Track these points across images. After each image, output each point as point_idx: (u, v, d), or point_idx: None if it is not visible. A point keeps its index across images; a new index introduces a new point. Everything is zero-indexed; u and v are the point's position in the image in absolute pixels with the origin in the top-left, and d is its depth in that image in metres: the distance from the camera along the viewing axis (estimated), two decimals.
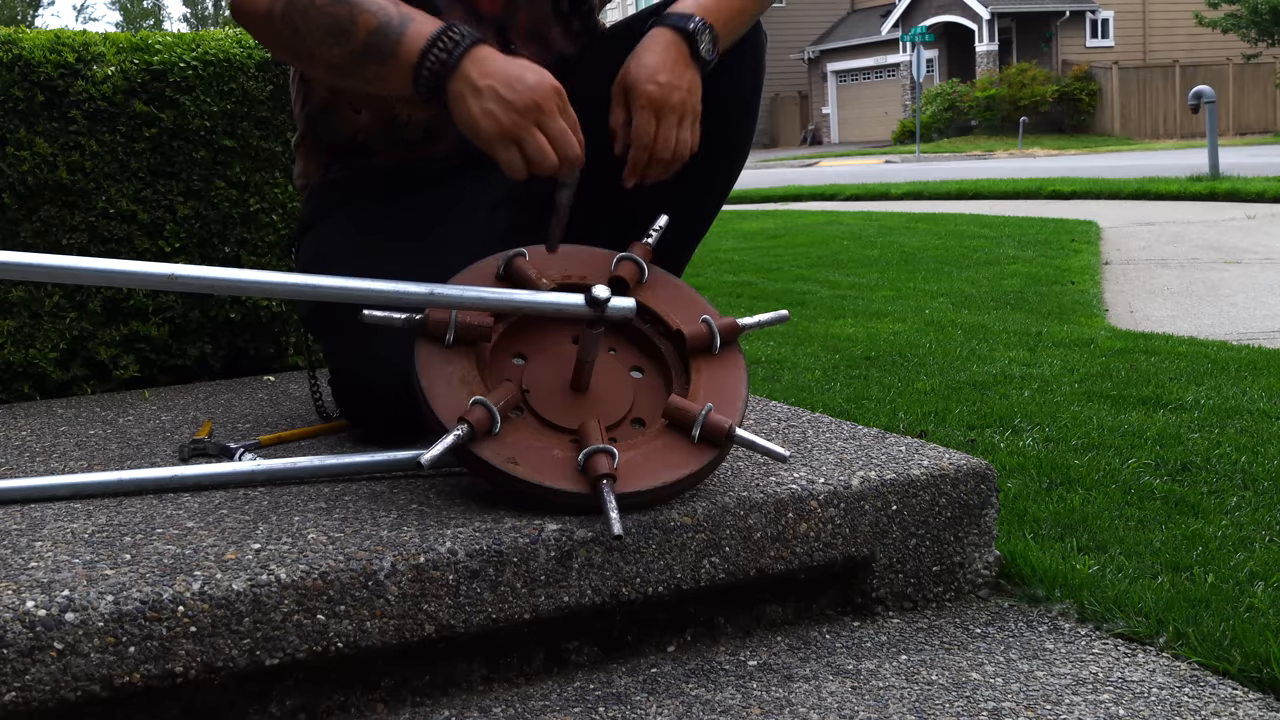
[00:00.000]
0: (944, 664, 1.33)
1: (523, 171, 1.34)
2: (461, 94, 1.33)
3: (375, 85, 1.40)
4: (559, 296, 1.41)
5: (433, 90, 1.33)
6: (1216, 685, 1.26)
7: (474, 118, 1.32)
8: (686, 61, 1.46)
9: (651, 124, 1.45)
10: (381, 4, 1.38)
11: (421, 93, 1.34)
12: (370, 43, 1.36)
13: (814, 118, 39.00)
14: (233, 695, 1.20)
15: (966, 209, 9.55)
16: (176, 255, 2.33)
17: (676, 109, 1.45)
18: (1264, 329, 3.90)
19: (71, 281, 1.31)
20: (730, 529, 1.36)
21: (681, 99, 1.45)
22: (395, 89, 1.38)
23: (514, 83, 1.32)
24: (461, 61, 1.32)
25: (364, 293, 1.36)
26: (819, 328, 3.86)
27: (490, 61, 1.33)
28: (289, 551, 1.23)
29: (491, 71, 1.32)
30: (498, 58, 1.34)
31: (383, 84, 1.39)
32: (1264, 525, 1.74)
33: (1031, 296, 4.52)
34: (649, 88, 1.44)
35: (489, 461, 1.32)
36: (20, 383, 2.24)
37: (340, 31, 1.37)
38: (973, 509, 1.50)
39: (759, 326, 1.53)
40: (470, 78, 1.32)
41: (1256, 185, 9.21)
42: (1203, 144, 12.35)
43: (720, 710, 1.22)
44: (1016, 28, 32.70)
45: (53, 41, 2.22)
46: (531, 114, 1.33)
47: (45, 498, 1.45)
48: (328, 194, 1.80)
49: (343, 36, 1.37)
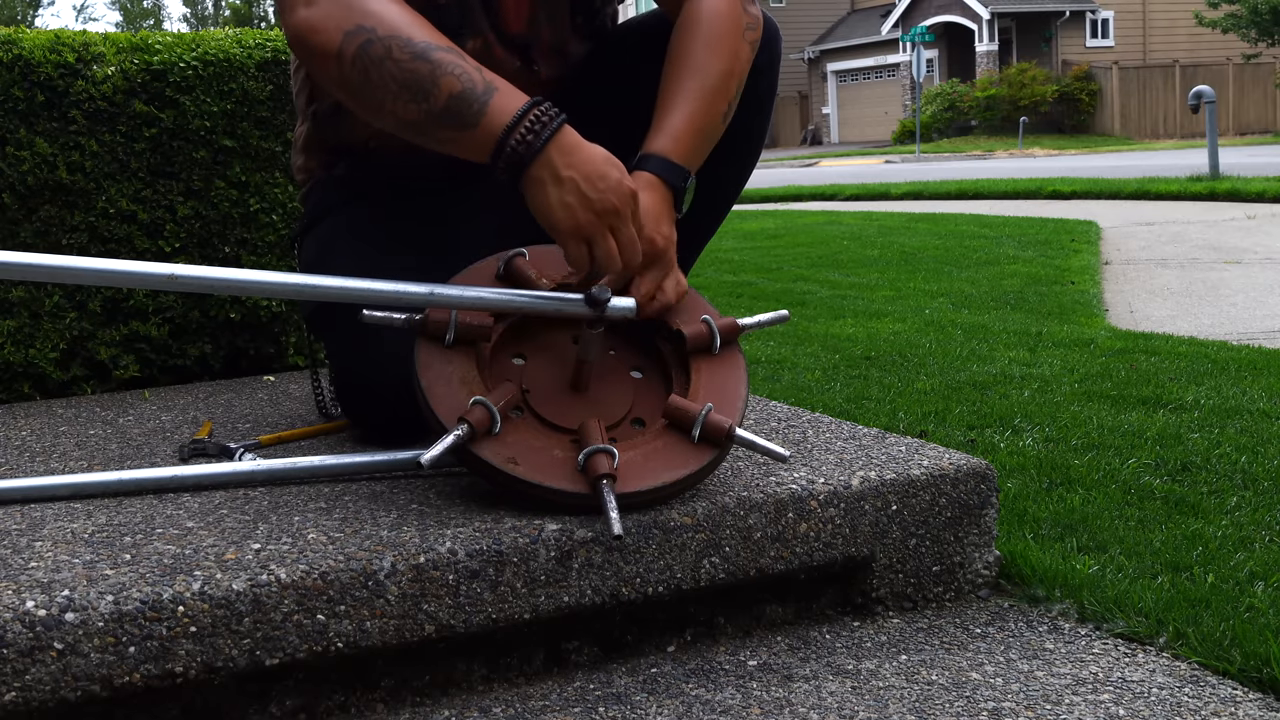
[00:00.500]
0: (944, 664, 1.33)
1: (587, 267, 1.33)
2: (542, 180, 1.31)
3: (447, 147, 1.36)
4: (559, 296, 1.41)
5: (512, 170, 1.31)
6: (1216, 685, 1.26)
7: (550, 207, 1.31)
8: (672, 214, 1.45)
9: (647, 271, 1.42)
10: (465, 67, 1.33)
11: (499, 168, 1.32)
12: (451, 107, 1.32)
13: (814, 118, 39.00)
14: (233, 695, 1.20)
15: (966, 209, 9.55)
16: (176, 255, 2.33)
17: (667, 265, 1.44)
18: (1264, 329, 3.90)
19: (71, 281, 1.31)
20: (730, 529, 1.36)
21: (672, 255, 1.45)
22: (469, 156, 1.35)
23: (596, 180, 1.31)
24: (548, 146, 1.30)
25: (364, 293, 1.36)
26: (819, 328, 3.86)
27: (576, 151, 1.31)
28: (289, 551, 1.23)
29: (576, 164, 1.31)
30: (582, 146, 1.32)
31: (456, 148, 1.35)
32: (1264, 525, 1.75)
33: (1031, 296, 4.52)
34: (655, 237, 1.41)
35: (489, 461, 1.32)
36: (20, 383, 2.24)
37: (419, 90, 1.32)
38: (973, 509, 1.50)
39: (759, 326, 1.53)
40: (554, 165, 1.31)
41: (1256, 185, 9.22)
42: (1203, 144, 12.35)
43: (720, 710, 1.22)
44: (1016, 28, 32.70)
45: (53, 41, 2.22)
46: (608, 217, 1.32)
47: (45, 498, 1.45)
48: (331, 191, 1.79)
49: (421, 95, 1.32)
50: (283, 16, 1.40)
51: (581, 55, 1.75)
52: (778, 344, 3.55)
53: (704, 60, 1.50)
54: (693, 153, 1.48)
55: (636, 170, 1.45)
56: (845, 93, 37.94)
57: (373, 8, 1.36)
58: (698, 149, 1.49)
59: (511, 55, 1.68)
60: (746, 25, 1.56)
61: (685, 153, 1.47)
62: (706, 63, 1.50)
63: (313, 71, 1.41)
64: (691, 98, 1.49)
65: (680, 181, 1.45)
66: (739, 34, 1.54)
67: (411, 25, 1.35)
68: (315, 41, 1.36)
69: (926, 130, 29.16)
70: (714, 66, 1.51)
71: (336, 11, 1.35)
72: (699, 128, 1.49)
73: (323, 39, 1.35)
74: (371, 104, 1.36)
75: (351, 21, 1.34)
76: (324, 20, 1.35)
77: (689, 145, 1.47)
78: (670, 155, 1.46)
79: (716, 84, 1.51)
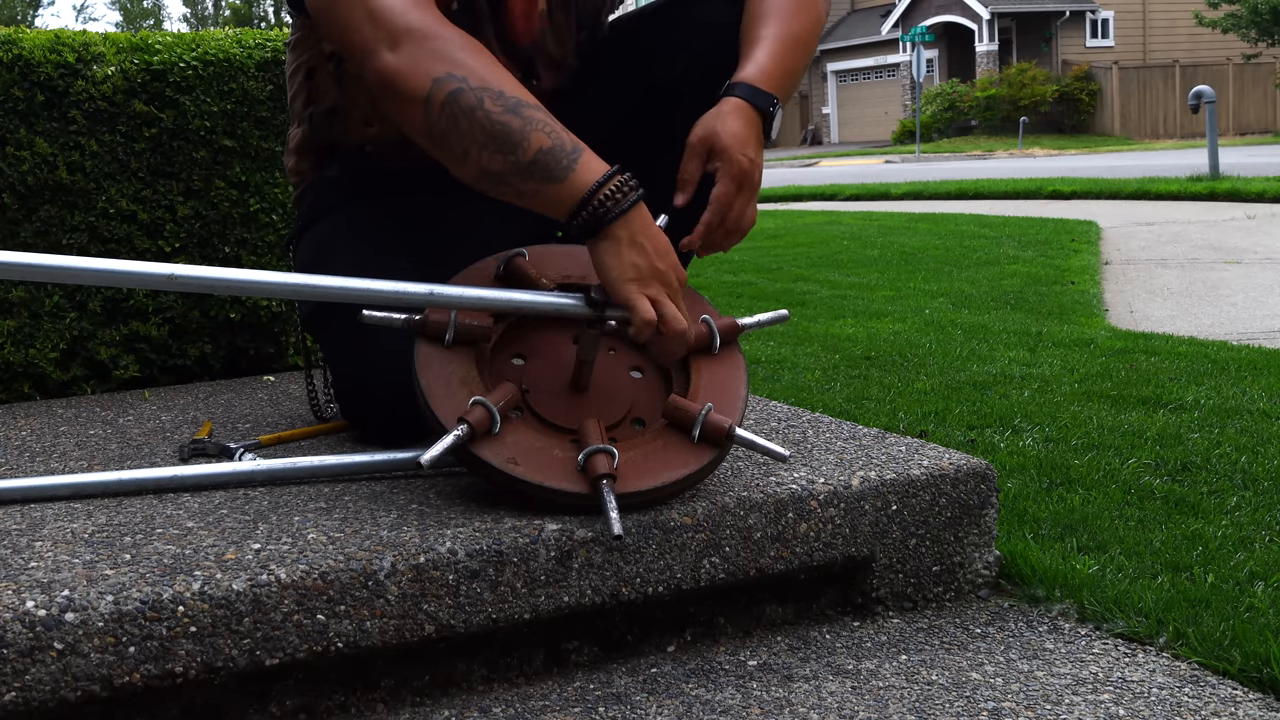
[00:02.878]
0: (944, 664, 1.33)
1: (652, 322, 1.35)
2: (619, 239, 1.36)
3: (526, 200, 1.39)
4: (559, 296, 1.41)
5: (591, 224, 1.35)
6: (1216, 685, 1.26)
7: (620, 262, 1.36)
8: (761, 141, 1.52)
9: (734, 193, 1.49)
10: (555, 126, 1.38)
11: (577, 221, 1.36)
12: (539, 160, 1.36)
13: (814, 118, 39.00)
14: (233, 695, 1.20)
15: (966, 209, 9.55)
16: (176, 255, 2.33)
17: (756, 186, 1.51)
18: (1264, 329, 3.90)
19: (71, 281, 1.31)
20: (730, 529, 1.36)
21: (759, 176, 1.51)
22: (545, 209, 1.38)
23: (665, 254, 1.38)
24: (630, 211, 1.36)
25: (363, 293, 1.36)
26: (819, 328, 3.86)
27: (649, 225, 1.38)
28: (289, 551, 1.23)
29: (649, 234, 1.37)
30: (652, 223, 1.39)
31: (535, 200, 1.38)
32: (1264, 525, 1.75)
33: (1031, 296, 4.52)
34: (741, 159, 1.48)
35: (489, 462, 1.32)
36: (20, 383, 2.24)
37: (509, 142, 1.35)
38: (973, 509, 1.50)
39: (759, 326, 1.53)
40: (632, 228, 1.36)
41: (1256, 185, 9.22)
42: (1203, 144, 12.35)
43: (720, 710, 1.22)
44: (1016, 28, 32.70)
45: (53, 41, 2.22)
46: (668, 283, 1.37)
47: (45, 498, 1.45)
48: (326, 191, 1.79)
49: (510, 147, 1.36)
50: (366, 60, 1.41)
51: (577, 68, 1.77)
52: (778, 344, 3.55)
53: (786, 8, 1.58)
54: (779, 84, 1.54)
55: (724, 96, 1.51)
56: (845, 93, 37.94)
57: (462, 57, 1.38)
58: (783, 83, 1.55)
59: (514, 66, 1.68)
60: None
61: (772, 82, 1.53)
62: (790, 10, 1.58)
63: (395, 115, 1.43)
64: (775, 38, 1.56)
65: (767, 105, 1.51)
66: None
67: (504, 80, 1.38)
68: (403, 86, 1.38)
69: (926, 130, 29.15)
70: (796, 15, 1.58)
71: (424, 58, 1.38)
72: (783, 63, 1.55)
73: (411, 84, 1.38)
74: (455, 150, 1.38)
75: (441, 69, 1.37)
76: (411, 66, 1.38)
77: (775, 76, 1.53)
78: (757, 83, 1.52)
79: (799, 29, 1.58)
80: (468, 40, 1.41)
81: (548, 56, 1.72)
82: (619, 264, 1.35)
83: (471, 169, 1.39)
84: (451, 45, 1.39)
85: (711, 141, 1.49)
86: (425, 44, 1.39)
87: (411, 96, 1.38)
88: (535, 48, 1.70)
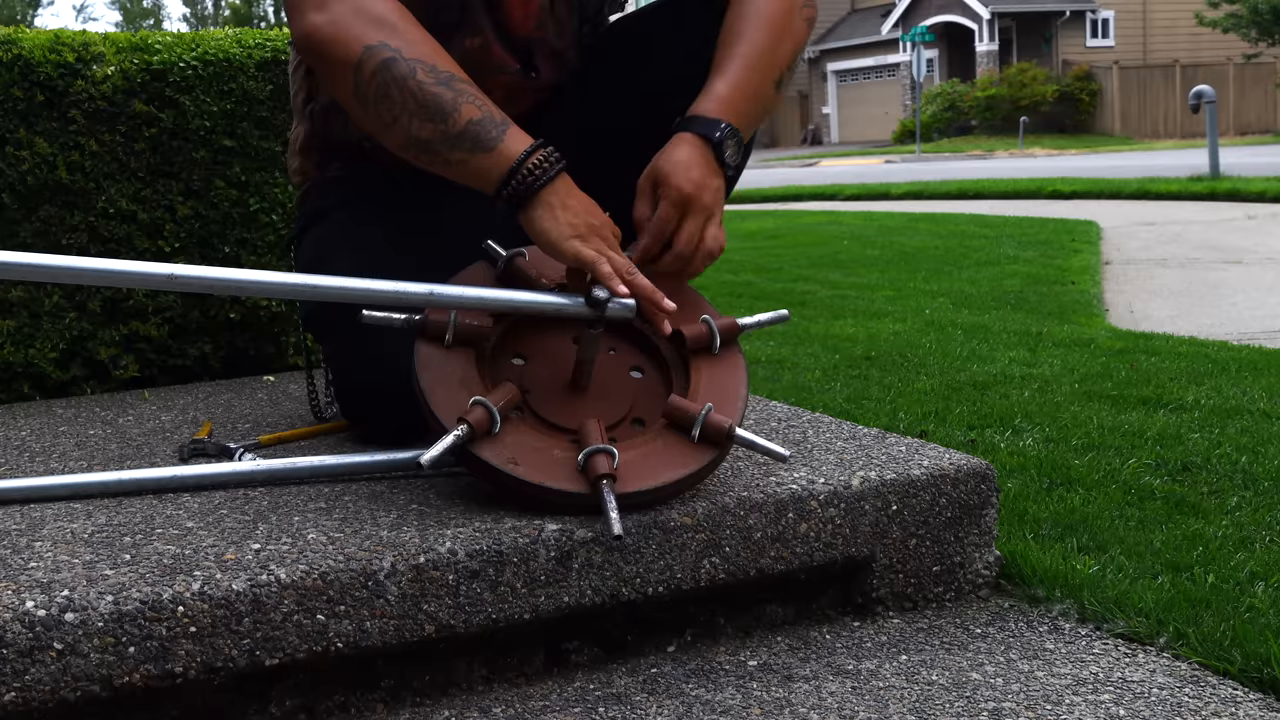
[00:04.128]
0: (944, 664, 1.33)
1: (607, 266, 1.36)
2: (550, 205, 1.38)
3: (452, 169, 1.41)
4: (559, 296, 1.41)
5: (520, 193, 1.38)
6: (1217, 685, 1.26)
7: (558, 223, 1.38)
8: (714, 167, 1.48)
9: (675, 218, 1.45)
10: (484, 100, 1.40)
11: (505, 191, 1.38)
12: (468, 131, 1.38)
13: (814, 117, 38.99)
14: (233, 695, 1.20)
15: (966, 209, 9.55)
16: (176, 255, 2.33)
17: (706, 208, 1.46)
18: (1264, 329, 3.90)
19: (71, 281, 1.31)
20: (730, 529, 1.36)
21: (711, 198, 1.47)
22: (473, 180, 1.41)
23: (594, 213, 1.40)
24: (555, 179, 1.38)
25: (363, 293, 1.36)
26: (819, 328, 3.86)
27: (575, 191, 1.40)
28: (289, 551, 1.23)
29: (576, 198, 1.40)
30: (576, 190, 1.41)
31: (462, 170, 1.40)
32: (1264, 525, 1.74)
33: (1032, 296, 4.52)
34: (683, 182, 1.44)
35: (489, 462, 1.32)
36: (20, 383, 2.24)
37: (440, 112, 1.38)
38: (973, 509, 1.50)
39: (759, 326, 1.53)
40: (560, 194, 1.39)
41: (1257, 185, 9.22)
42: (1203, 144, 12.35)
43: (720, 710, 1.22)
44: (1017, 27, 32.70)
45: (53, 41, 2.22)
46: (605, 236, 1.40)
47: (45, 498, 1.45)
48: (327, 192, 1.79)
49: (441, 117, 1.38)
50: (292, 20, 1.43)
51: (577, 63, 1.76)
52: (778, 344, 3.54)
53: (753, 32, 1.54)
54: (735, 110, 1.50)
55: (674, 132, 1.49)
56: (845, 93, 37.94)
57: (395, 23, 1.40)
58: (742, 108, 1.51)
59: (511, 57, 1.68)
60: (804, 2, 1.59)
61: (724, 110, 1.49)
62: (756, 34, 1.54)
63: (323, 77, 1.44)
64: (737, 63, 1.52)
65: (712, 133, 1.47)
66: (794, 11, 1.58)
67: (436, 53, 1.40)
68: (331, 51, 1.40)
69: (927, 130, 29.15)
70: (763, 37, 1.54)
71: (356, 24, 1.40)
72: (744, 90, 1.51)
73: (340, 50, 1.40)
74: (384, 117, 1.40)
75: (374, 36, 1.39)
76: (343, 31, 1.40)
77: (730, 104, 1.50)
78: (709, 113, 1.49)
79: (767, 52, 1.54)
80: (396, 6, 1.42)
81: (548, 49, 1.72)
82: (556, 225, 1.37)
83: (399, 136, 1.41)
84: (381, 8, 1.41)
85: (654, 175, 1.46)
86: (352, 3, 1.40)
87: (341, 61, 1.40)
88: (535, 39, 1.70)
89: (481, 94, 1.41)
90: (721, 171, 1.49)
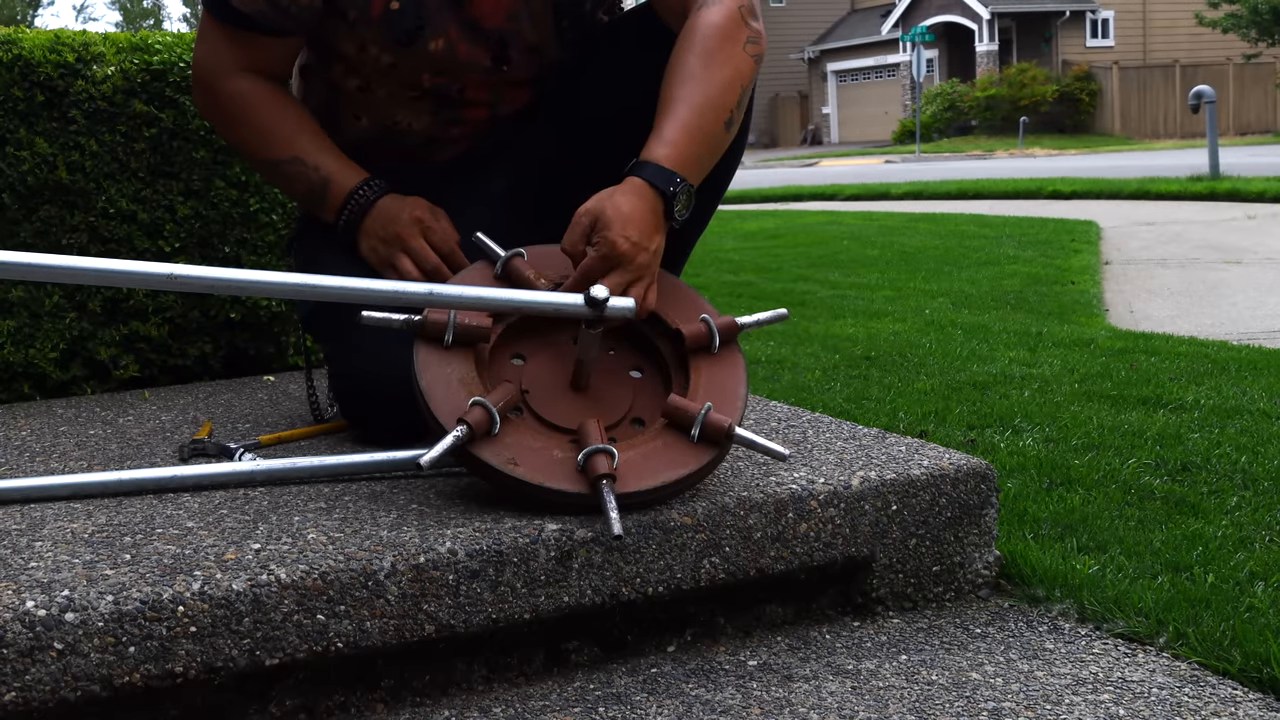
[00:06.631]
0: (944, 664, 1.33)
1: (416, 273, 1.64)
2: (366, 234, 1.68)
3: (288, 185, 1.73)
4: (558, 296, 1.41)
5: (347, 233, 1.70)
6: (1216, 685, 1.26)
7: (366, 255, 1.69)
8: (658, 223, 1.44)
9: (600, 270, 1.41)
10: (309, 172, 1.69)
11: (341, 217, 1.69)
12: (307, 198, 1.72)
13: (814, 118, 39.00)
14: (233, 695, 1.20)
15: (966, 209, 9.55)
16: (176, 255, 2.33)
17: (637, 270, 1.42)
18: (1264, 329, 3.90)
19: (71, 281, 1.31)
20: (730, 529, 1.36)
21: (646, 261, 1.43)
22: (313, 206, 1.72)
23: (387, 223, 1.66)
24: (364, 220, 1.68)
25: (363, 293, 1.36)
26: (819, 328, 3.86)
27: (381, 213, 1.67)
28: (289, 551, 1.23)
29: (375, 219, 1.67)
30: (383, 207, 1.67)
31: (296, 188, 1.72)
32: (1264, 525, 1.74)
33: (1031, 296, 4.52)
34: (618, 239, 1.40)
35: (488, 462, 1.32)
36: (20, 383, 2.24)
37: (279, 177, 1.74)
38: (973, 509, 1.50)
39: (758, 325, 1.52)
40: (367, 228, 1.68)
41: (1257, 185, 9.21)
42: (1203, 144, 12.35)
43: (720, 710, 1.22)
44: (1016, 28, 32.70)
45: (53, 41, 2.22)
46: (396, 243, 1.65)
47: (45, 498, 1.45)
48: None
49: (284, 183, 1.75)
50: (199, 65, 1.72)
51: (561, 61, 1.75)
52: (778, 344, 3.55)
53: (700, 70, 1.50)
54: (687, 159, 1.46)
55: (628, 174, 1.45)
56: (845, 93, 37.93)
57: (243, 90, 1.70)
58: (693, 155, 1.47)
59: (480, 52, 1.67)
60: (748, 38, 1.55)
61: (678, 159, 1.45)
62: (704, 72, 1.50)
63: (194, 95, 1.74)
64: (686, 105, 1.48)
65: (666, 186, 1.43)
66: (739, 45, 1.53)
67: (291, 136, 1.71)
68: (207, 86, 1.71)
69: (926, 130, 29.15)
70: (712, 76, 1.50)
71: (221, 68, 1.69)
72: (695, 135, 1.47)
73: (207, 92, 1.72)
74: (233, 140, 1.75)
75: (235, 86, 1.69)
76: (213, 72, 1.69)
77: (683, 151, 1.46)
78: (661, 161, 1.44)
79: (714, 93, 1.49)
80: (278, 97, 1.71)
81: (523, 42, 1.70)
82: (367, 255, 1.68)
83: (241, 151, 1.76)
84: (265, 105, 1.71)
85: (595, 215, 1.42)
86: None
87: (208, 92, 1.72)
88: (507, 30, 1.68)
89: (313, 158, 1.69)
90: (665, 227, 1.45)
